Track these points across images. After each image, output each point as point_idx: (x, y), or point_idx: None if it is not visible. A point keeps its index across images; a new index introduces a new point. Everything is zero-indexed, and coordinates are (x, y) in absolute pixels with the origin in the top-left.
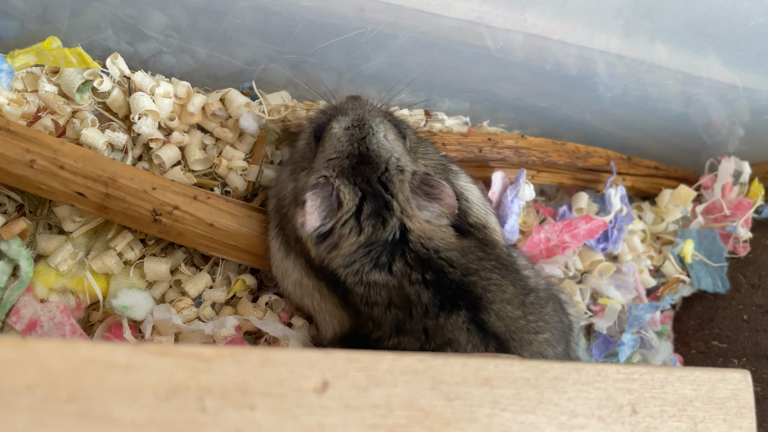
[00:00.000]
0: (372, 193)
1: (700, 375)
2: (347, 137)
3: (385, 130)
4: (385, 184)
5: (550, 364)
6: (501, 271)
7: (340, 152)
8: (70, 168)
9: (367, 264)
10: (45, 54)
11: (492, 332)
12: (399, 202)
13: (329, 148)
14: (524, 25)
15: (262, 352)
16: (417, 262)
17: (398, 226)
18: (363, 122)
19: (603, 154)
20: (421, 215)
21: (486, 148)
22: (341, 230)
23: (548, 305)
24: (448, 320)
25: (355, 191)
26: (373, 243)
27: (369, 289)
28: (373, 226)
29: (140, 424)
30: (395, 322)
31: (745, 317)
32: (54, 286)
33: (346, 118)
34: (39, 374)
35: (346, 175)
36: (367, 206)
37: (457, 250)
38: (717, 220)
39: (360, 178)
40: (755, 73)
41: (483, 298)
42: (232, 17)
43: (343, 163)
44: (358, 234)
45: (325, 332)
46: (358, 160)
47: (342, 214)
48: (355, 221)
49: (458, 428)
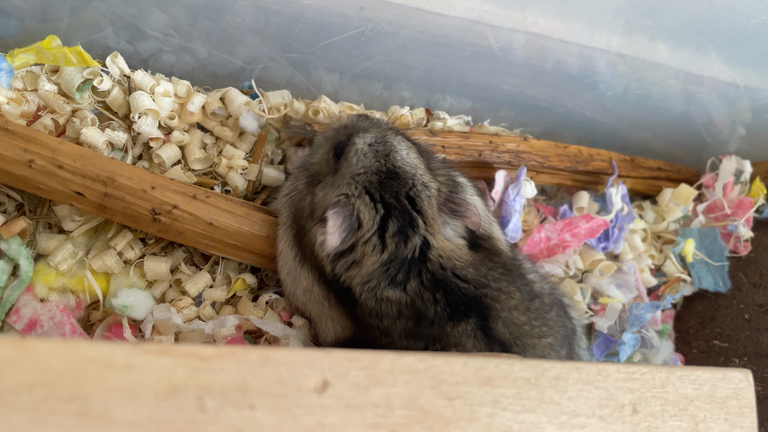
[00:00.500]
0: (399, 209)
1: (701, 374)
2: (373, 153)
3: (407, 148)
4: (413, 199)
5: (551, 363)
6: (508, 277)
7: (367, 167)
8: (69, 167)
9: (383, 281)
10: (45, 53)
11: (497, 339)
12: (426, 219)
13: (355, 163)
14: (525, 23)
15: (262, 352)
16: (431, 282)
17: (419, 244)
18: (385, 139)
19: (605, 156)
20: (445, 233)
21: (486, 152)
22: (364, 248)
23: (552, 310)
24: (455, 328)
25: (377, 209)
26: (392, 260)
27: (380, 304)
28: (396, 244)
29: (140, 424)
30: (404, 330)
31: (747, 316)
32: (54, 286)
33: (368, 134)
34: (38, 374)
35: (372, 191)
36: (393, 223)
37: (472, 266)
38: (718, 219)
39: (389, 193)
40: (756, 72)
41: (492, 309)
42: (232, 16)
43: (371, 178)
44: (381, 251)
45: (325, 336)
46: (386, 176)
47: (363, 233)
48: (378, 239)
49: (459, 428)
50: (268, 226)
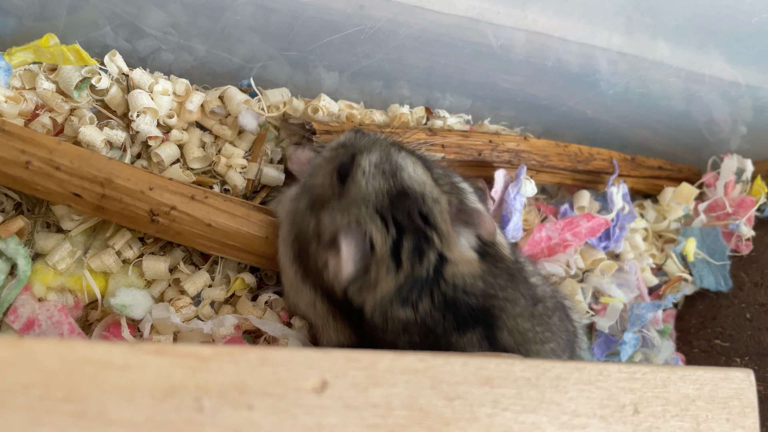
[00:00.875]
0: (412, 228)
1: (702, 374)
2: (380, 173)
3: (413, 164)
4: (425, 216)
5: (552, 363)
6: (512, 284)
7: (376, 190)
8: (66, 169)
9: (395, 301)
10: (42, 51)
11: (502, 347)
12: (441, 234)
13: (364, 186)
14: (525, 22)
15: (261, 352)
16: (442, 303)
17: (435, 261)
18: (390, 158)
19: (606, 156)
20: (460, 244)
21: (486, 151)
22: (378, 272)
23: (555, 315)
24: (461, 338)
25: (389, 231)
26: (407, 281)
27: (388, 323)
28: (411, 263)
29: (137, 424)
30: (408, 343)
31: (748, 316)
32: (52, 285)
33: (372, 155)
34: (35, 374)
35: (383, 212)
36: (407, 243)
37: (481, 278)
38: (719, 218)
39: (400, 213)
40: (758, 70)
41: (499, 319)
42: (230, 14)
43: (381, 200)
44: (396, 272)
45: (327, 344)
46: (396, 196)
47: (376, 258)
48: (393, 261)
49: (459, 428)
50: (267, 226)
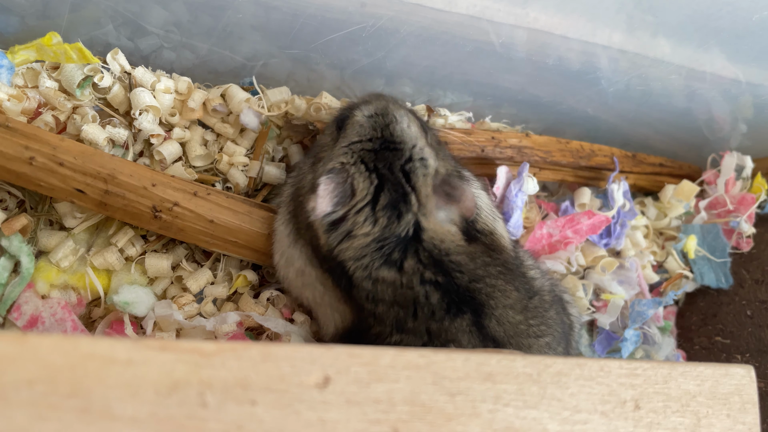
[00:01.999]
0: (393, 181)
1: (703, 370)
2: (370, 123)
3: (408, 120)
4: (408, 174)
5: (553, 359)
6: (506, 276)
7: (362, 136)
8: (70, 165)
9: (377, 259)
10: (45, 50)
11: (491, 336)
12: (419, 197)
13: (351, 133)
14: (526, 19)
15: (263, 348)
16: (430, 261)
17: (413, 223)
18: (386, 111)
19: (608, 152)
20: (437, 215)
21: (488, 148)
22: (355, 218)
23: (552, 308)
24: (452, 323)
25: (371, 179)
26: (386, 238)
27: (376, 286)
28: (388, 218)
29: (141, 420)
30: (396, 320)
31: (749, 313)
32: (55, 282)
33: (369, 106)
34: (39, 369)
35: (367, 160)
36: (384, 196)
37: (466, 254)
38: (720, 215)
39: (383, 163)
40: (759, 68)
41: (486, 305)
42: (232, 12)
43: (365, 146)
44: (373, 224)
45: (326, 327)
46: (381, 145)
47: (356, 202)
48: (371, 211)
49: (460, 423)
50: (270, 223)
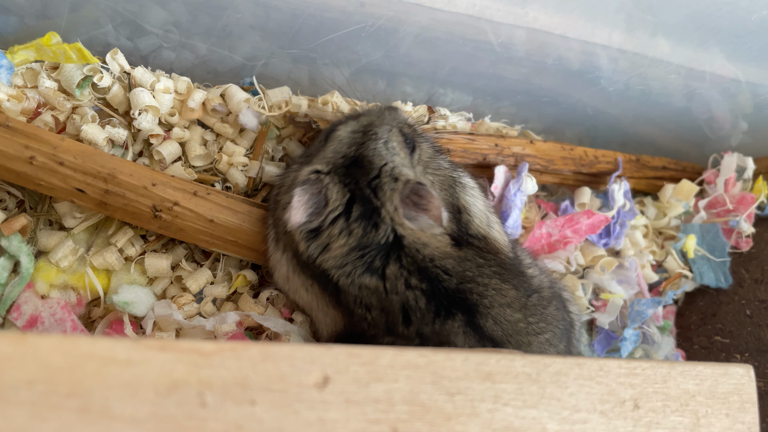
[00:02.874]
0: (361, 196)
1: (702, 370)
2: (348, 140)
3: (387, 138)
4: (374, 189)
5: (552, 358)
6: (503, 275)
7: (336, 152)
8: (70, 164)
9: (359, 267)
10: (44, 50)
11: (488, 336)
12: (387, 210)
13: (329, 147)
14: (526, 19)
15: (263, 347)
16: (414, 266)
17: (391, 229)
18: (369, 128)
19: (611, 158)
20: (412, 224)
21: (491, 155)
22: (331, 230)
23: (551, 305)
24: (443, 326)
25: (343, 192)
26: (366, 246)
27: (362, 291)
28: (363, 228)
29: (140, 419)
30: (387, 325)
31: (748, 312)
32: (55, 282)
33: (355, 122)
34: (39, 369)
35: (339, 174)
36: (357, 208)
37: (453, 258)
38: (720, 215)
39: (349, 179)
40: (758, 67)
41: (479, 305)
42: (231, 12)
43: (337, 161)
44: (348, 236)
45: (321, 331)
46: (350, 162)
47: (328, 212)
48: (345, 222)
49: (459, 423)
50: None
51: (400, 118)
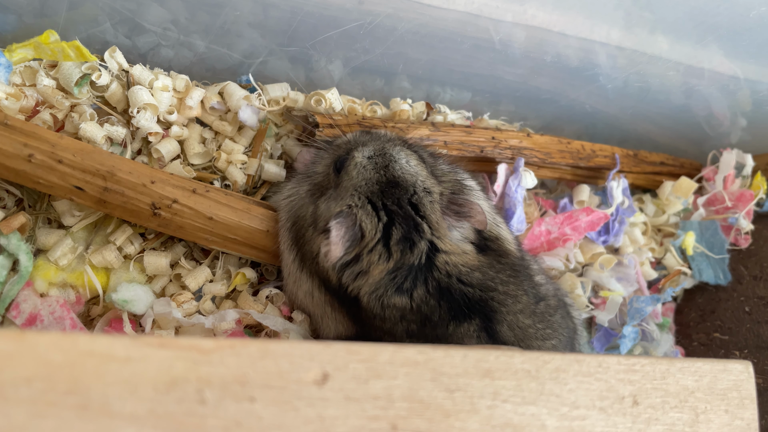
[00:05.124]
0: (402, 215)
1: (701, 366)
2: (372, 165)
3: (406, 156)
4: (416, 206)
5: (551, 355)
6: (516, 280)
7: (367, 179)
8: (69, 162)
9: (390, 288)
10: (43, 48)
11: (502, 341)
12: (430, 224)
13: (355, 176)
14: (524, 16)
15: (262, 344)
16: (437, 290)
17: (426, 250)
18: (384, 151)
19: (608, 152)
20: (452, 237)
21: (488, 148)
22: (369, 257)
23: (557, 313)
24: (457, 329)
25: (380, 217)
26: (399, 268)
27: (385, 310)
28: (401, 251)
29: (140, 417)
30: (406, 331)
31: (747, 309)
32: (54, 281)
33: (366, 148)
34: (38, 367)
35: (374, 200)
36: (396, 231)
37: (479, 270)
38: (719, 212)
39: (390, 200)
40: (757, 64)
41: (498, 312)
42: (230, 9)
43: (372, 188)
44: (387, 260)
45: (326, 335)
46: (386, 186)
47: (366, 243)
48: (384, 247)
49: (459, 420)
50: (268, 220)
51: (393, 138)
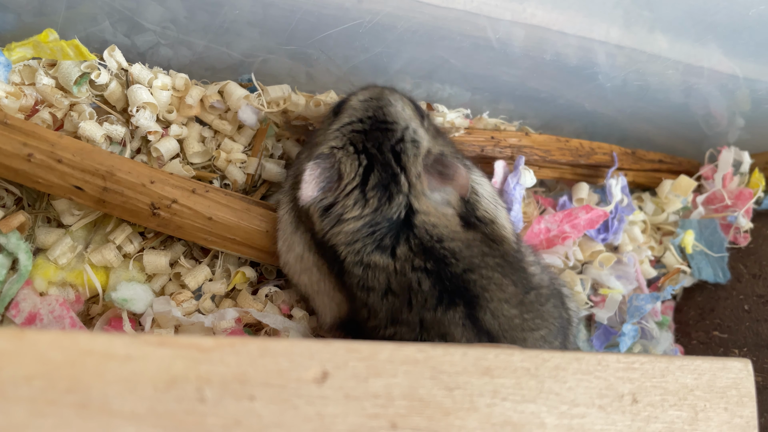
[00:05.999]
0: (382, 162)
1: (701, 364)
2: (364, 106)
3: (403, 104)
4: (398, 154)
5: (551, 353)
6: (504, 269)
7: (355, 119)
8: (68, 162)
9: (369, 244)
10: (42, 47)
11: (485, 329)
12: (409, 177)
13: (344, 116)
14: (523, 15)
15: (261, 343)
16: (420, 248)
17: (404, 205)
18: (381, 95)
19: (607, 150)
20: (432, 197)
21: (488, 147)
22: (345, 201)
23: (548, 302)
24: (445, 315)
25: (360, 160)
26: (377, 222)
27: (367, 272)
28: (378, 199)
29: (139, 415)
30: (391, 311)
31: (746, 307)
32: (53, 280)
33: (365, 92)
34: (37, 365)
35: (356, 141)
36: (374, 177)
37: (461, 241)
38: (718, 210)
39: (372, 143)
40: (755, 63)
41: (480, 297)
42: (229, 8)
43: (356, 126)
44: (363, 207)
45: (324, 316)
46: (372, 125)
47: (344, 185)
48: (360, 193)
49: (458, 418)
50: (268, 220)
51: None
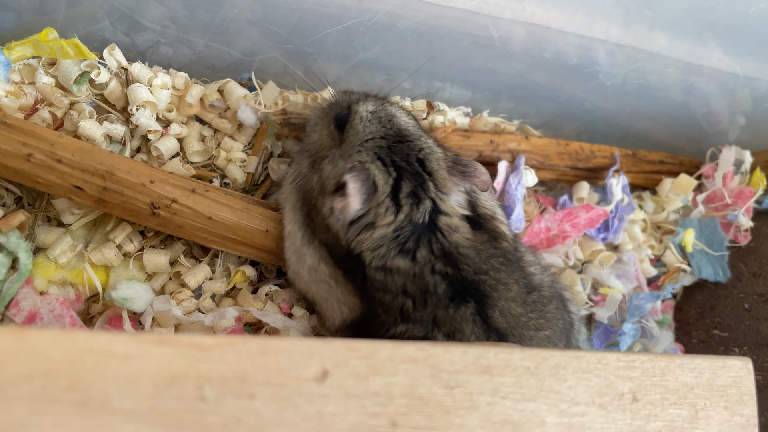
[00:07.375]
0: (411, 171)
1: (701, 362)
2: (377, 119)
3: (406, 115)
4: (422, 161)
5: (551, 352)
6: (507, 268)
7: (374, 133)
8: (68, 161)
9: (393, 249)
10: (42, 46)
11: (494, 327)
12: (436, 180)
13: (362, 130)
14: (524, 13)
15: (261, 341)
16: (441, 252)
17: (429, 209)
18: (385, 107)
19: (607, 152)
20: (453, 199)
21: (486, 152)
22: (377, 210)
23: (551, 303)
24: (457, 311)
25: (390, 173)
26: (403, 227)
27: (386, 276)
28: (410, 205)
29: (139, 413)
30: (402, 310)
31: (746, 306)
32: (53, 279)
33: (367, 102)
34: (38, 364)
35: (382, 155)
36: (406, 185)
37: (473, 247)
38: (718, 209)
39: (399, 156)
40: (756, 61)
41: (489, 296)
42: (229, 7)
43: (380, 143)
44: (396, 213)
45: (332, 320)
46: (394, 140)
47: (378, 197)
48: (392, 201)
49: (458, 416)
50: (268, 220)
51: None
